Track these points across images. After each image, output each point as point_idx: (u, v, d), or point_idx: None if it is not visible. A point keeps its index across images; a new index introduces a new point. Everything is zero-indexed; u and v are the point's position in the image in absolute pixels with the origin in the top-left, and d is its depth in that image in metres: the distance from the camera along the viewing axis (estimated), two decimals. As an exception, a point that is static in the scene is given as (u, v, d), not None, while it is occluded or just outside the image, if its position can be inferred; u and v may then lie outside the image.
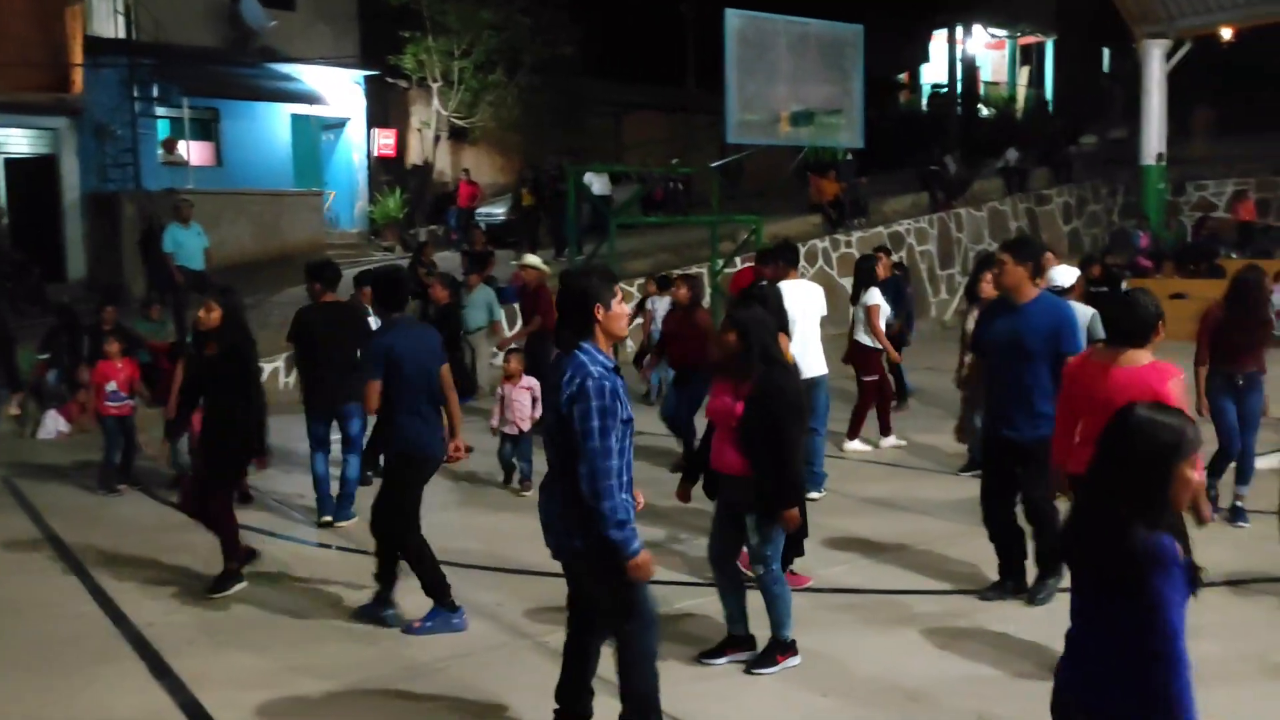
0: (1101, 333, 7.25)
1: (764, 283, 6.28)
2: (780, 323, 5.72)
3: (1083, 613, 2.58)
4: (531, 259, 10.58)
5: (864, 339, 8.99)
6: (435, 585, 5.31)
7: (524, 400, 7.90)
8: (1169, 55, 19.48)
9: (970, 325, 7.55)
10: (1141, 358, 4.40)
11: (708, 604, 5.23)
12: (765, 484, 4.47)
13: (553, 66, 22.92)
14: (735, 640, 4.81)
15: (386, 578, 5.45)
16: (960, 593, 5.62)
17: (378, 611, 5.45)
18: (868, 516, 7.09)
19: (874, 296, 9.04)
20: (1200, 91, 23.42)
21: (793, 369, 4.86)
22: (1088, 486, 2.58)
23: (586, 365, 3.52)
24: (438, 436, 5.49)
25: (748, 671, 4.66)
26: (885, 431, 9.29)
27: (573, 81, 23.99)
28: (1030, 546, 5.43)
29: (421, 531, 5.39)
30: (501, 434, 8.06)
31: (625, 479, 3.55)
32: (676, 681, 4.60)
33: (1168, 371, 4.34)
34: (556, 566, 3.80)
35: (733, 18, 11.88)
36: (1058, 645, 4.77)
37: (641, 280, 14.95)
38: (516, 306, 14.72)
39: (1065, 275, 7.72)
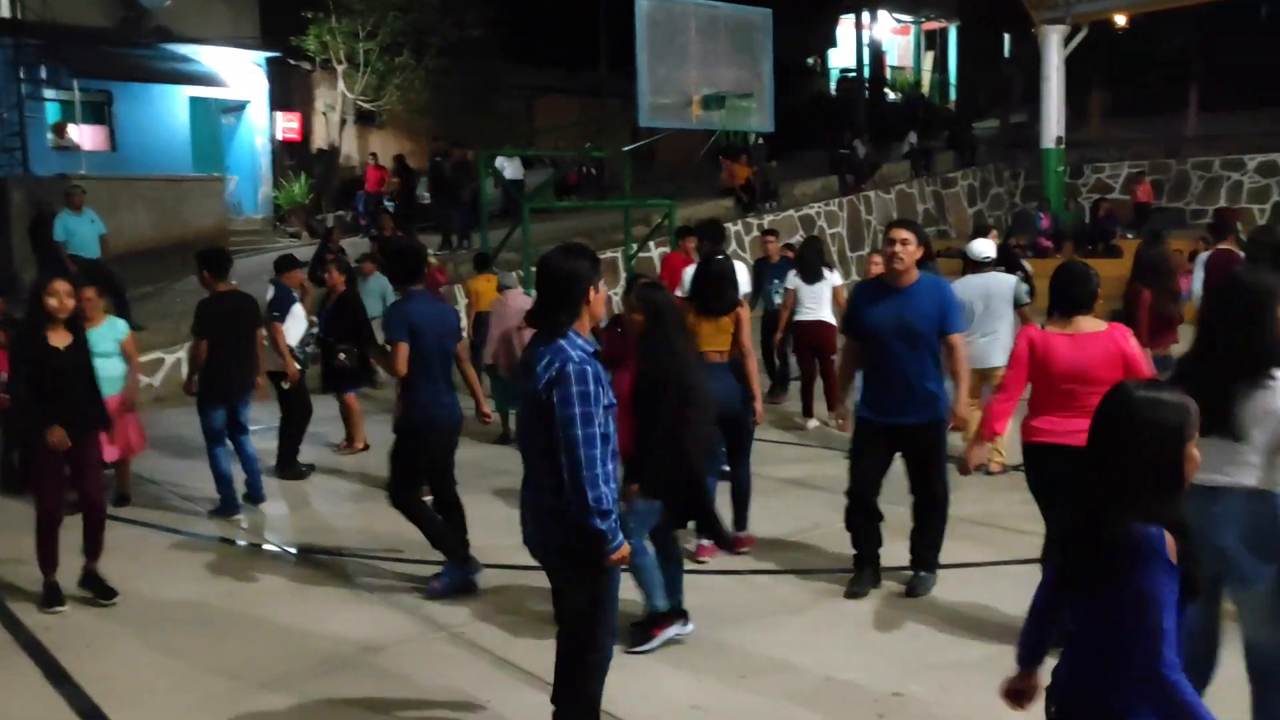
0: (1026, 298, 7.68)
1: (720, 258, 6.26)
2: (736, 296, 6.11)
3: (1079, 608, 2.44)
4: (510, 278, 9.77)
5: (831, 319, 9.25)
6: (442, 541, 5.57)
7: None
8: (1066, 41, 20.03)
9: None
10: (1098, 323, 4.55)
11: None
12: (639, 461, 4.55)
13: (462, 49, 22.56)
14: (659, 617, 4.82)
15: (449, 541, 5.61)
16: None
17: (465, 574, 5.59)
18: (786, 498, 7.16)
19: (837, 278, 9.53)
20: (1096, 76, 24.19)
21: (691, 360, 4.82)
22: (1086, 475, 2.43)
23: (566, 349, 3.35)
24: (451, 408, 5.63)
25: (626, 651, 4.54)
26: (808, 413, 9.54)
27: (483, 64, 23.66)
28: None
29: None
30: None
31: (610, 468, 3.37)
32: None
33: (1127, 331, 4.50)
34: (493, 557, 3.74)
35: (643, 0, 11.81)
36: (968, 622, 4.93)
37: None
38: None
39: (987, 248, 8.05)
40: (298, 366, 8.14)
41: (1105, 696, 2.36)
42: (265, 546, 6.82)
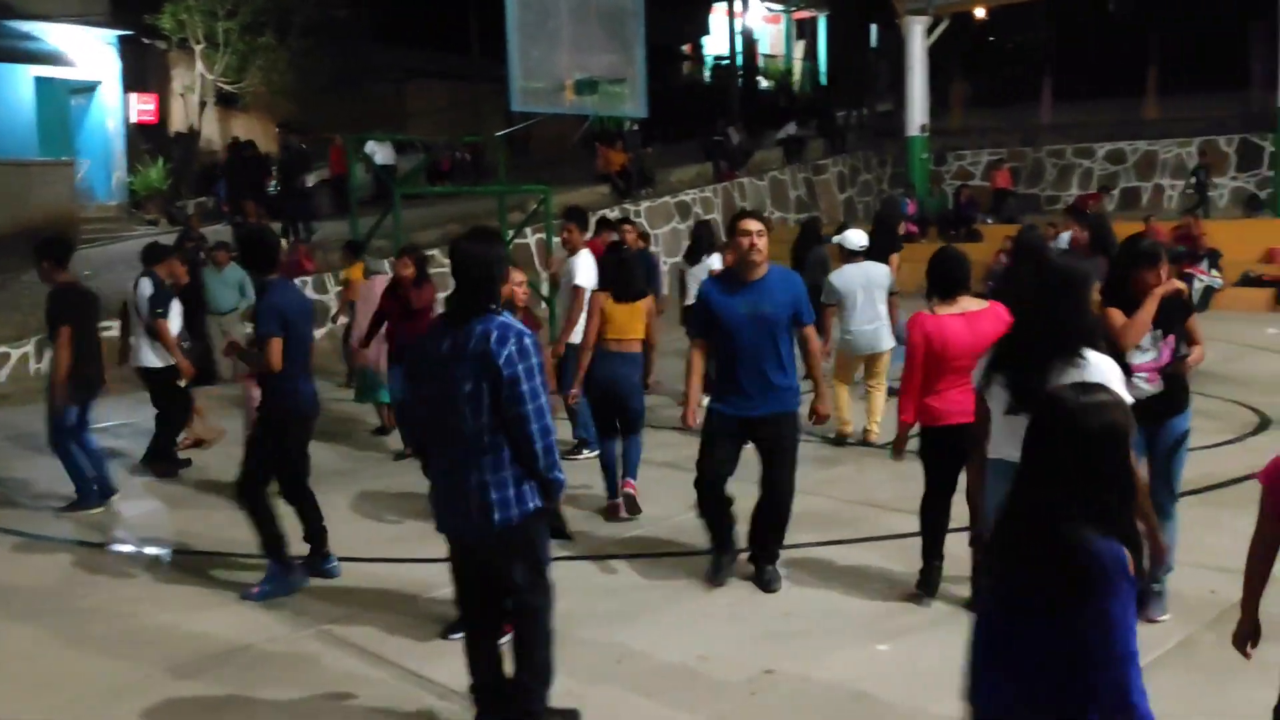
0: (895, 287, 8.07)
1: (624, 247, 6.34)
2: (644, 283, 6.47)
3: (1010, 636, 2.25)
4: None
5: None
6: (274, 546, 5.41)
7: None
8: (929, 31, 20.63)
9: None
10: (979, 301, 4.82)
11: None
12: None
13: (328, 30, 21.91)
14: None
15: (281, 548, 5.46)
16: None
17: (321, 565, 5.54)
18: (664, 483, 7.18)
19: (716, 261, 9.32)
20: (958, 67, 25.02)
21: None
22: (1022, 490, 2.28)
23: (515, 325, 3.50)
24: (314, 397, 5.62)
25: (440, 636, 4.71)
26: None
27: (351, 47, 23.02)
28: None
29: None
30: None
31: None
32: (416, 641, 4.63)
33: (1004, 308, 4.66)
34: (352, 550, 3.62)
35: (513, -18, 11.64)
36: (836, 600, 5.04)
37: (435, 252, 14.59)
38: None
39: (861, 238, 8.32)
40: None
41: None
42: (122, 547, 6.50)
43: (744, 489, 5.29)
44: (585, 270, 7.64)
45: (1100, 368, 3.35)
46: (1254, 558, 2.95)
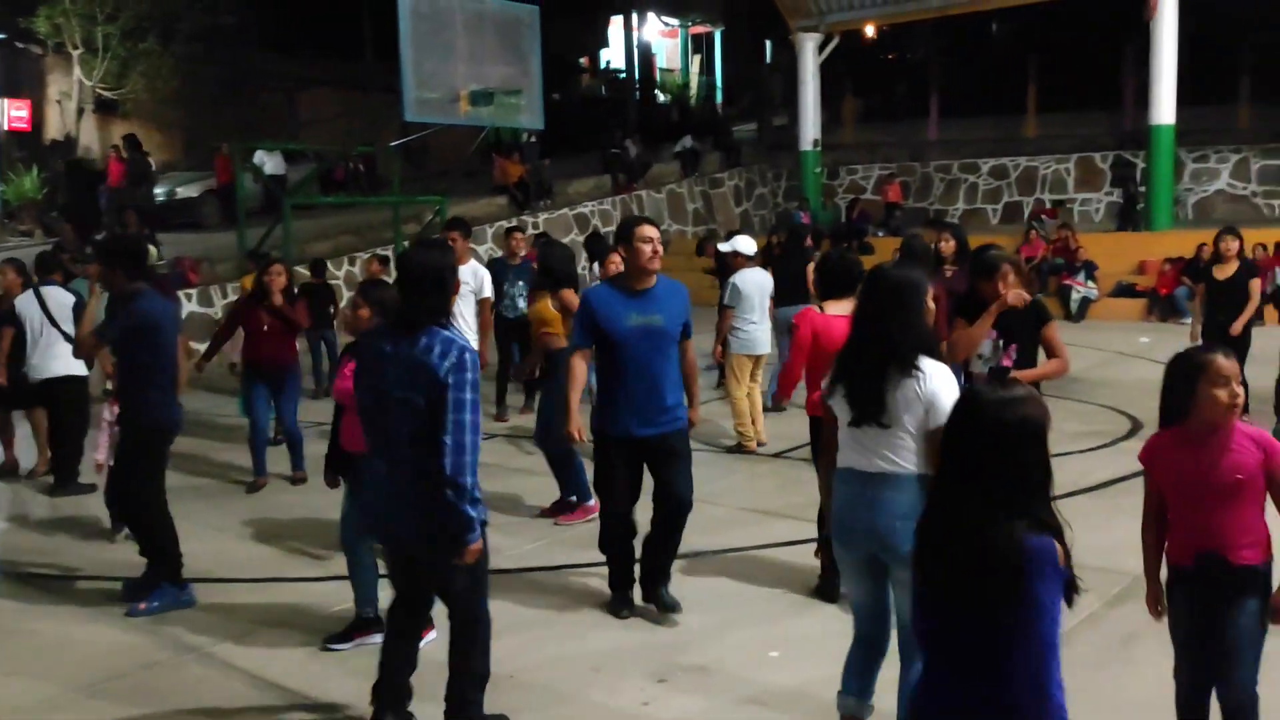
0: (725, 298, 8.17)
1: (544, 242, 6.33)
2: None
3: (942, 634, 2.32)
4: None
5: None
6: (169, 560, 5.30)
7: None
8: (820, 48, 21.10)
9: None
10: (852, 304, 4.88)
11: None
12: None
13: (215, 36, 21.32)
14: (364, 623, 4.72)
15: (176, 561, 5.33)
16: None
17: (180, 596, 5.32)
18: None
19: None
20: (849, 83, 25.65)
21: None
22: (945, 487, 2.34)
23: (457, 338, 3.48)
24: (181, 409, 5.50)
25: (322, 647, 4.66)
26: None
27: (239, 54, 22.44)
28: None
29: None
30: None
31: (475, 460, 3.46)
32: (302, 661, 4.54)
33: None
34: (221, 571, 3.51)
35: (406, -8, 11.55)
36: (732, 602, 5.08)
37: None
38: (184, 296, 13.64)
39: (749, 245, 8.53)
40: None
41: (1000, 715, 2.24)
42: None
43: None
44: (488, 281, 7.69)
45: (937, 377, 3.33)
46: (1146, 530, 3.34)
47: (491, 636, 3.82)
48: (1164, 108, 16.91)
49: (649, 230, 4.79)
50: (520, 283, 9.41)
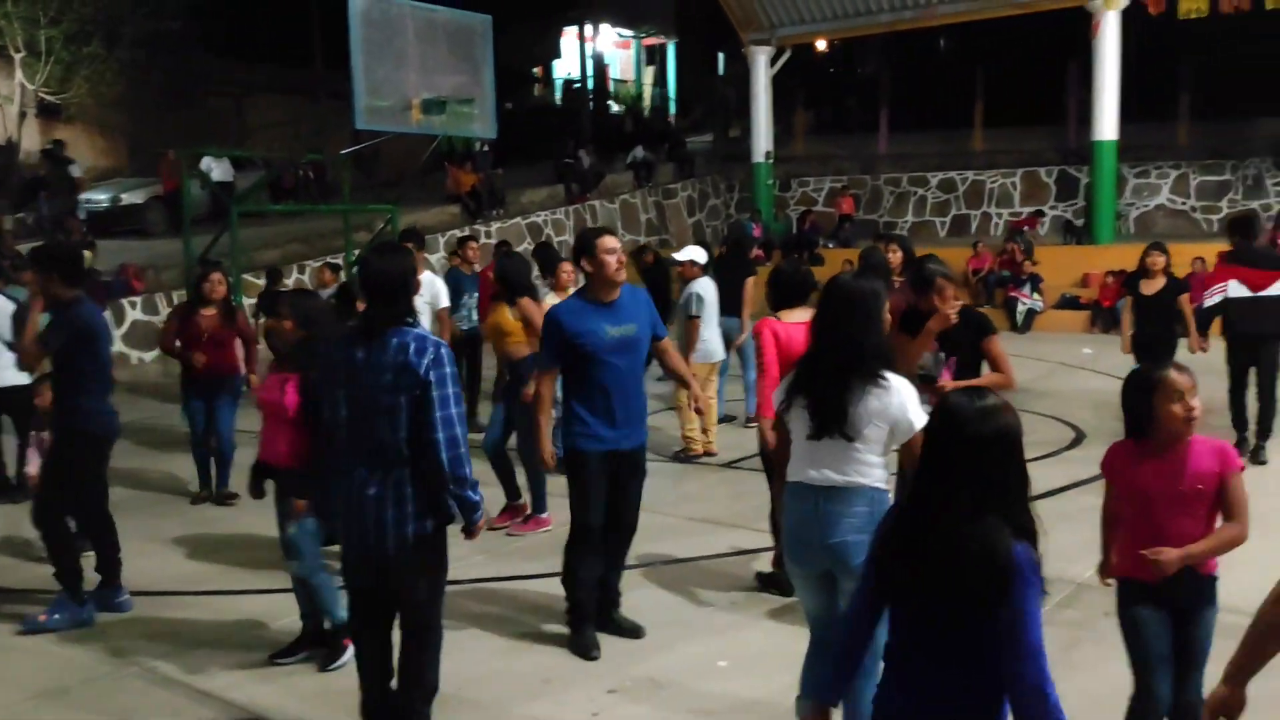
0: (693, 309, 8.17)
1: (503, 253, 6.27)
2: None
3: (915, 644, 2.35)
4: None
5: None
6: (70, 576, 5.19)
7: None
8: (773, 61, 21.29)
9: None
10: (807, 313, 4.88)
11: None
12: (306, 476, 4.40)
13: (161, 41, 20.99)
14: (309, 637, 4.69)
15: (76, 578, 5.21)
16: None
17: (111, 599, 5.34)
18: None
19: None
20: (801, 96, 25.89)
21: None
22: (922, 496, 2.37)
23: (431, 335, 3.55)
24: (117, 417, 5.44)
25: (323, 669, 4.57)
26: None
27: (185, 59, 22.11)
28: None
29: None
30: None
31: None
32: (246, 677, 4.48)
33: None
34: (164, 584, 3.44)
35: (357, -1, 11.44)
36: (671, 618, 5.08)
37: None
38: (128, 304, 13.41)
39: (701, 254, 8.59)
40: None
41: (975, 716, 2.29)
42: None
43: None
44: (444, 292, 7.66)
45: (901, 390, 3.33)
46: (1106, 525, 3.47)
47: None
48: (1107, 124, 17.28)
49: (611, 241, 4.73)
50: (477, 294, 9.34)
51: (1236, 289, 7.77)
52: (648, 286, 10.27)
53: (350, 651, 4.51)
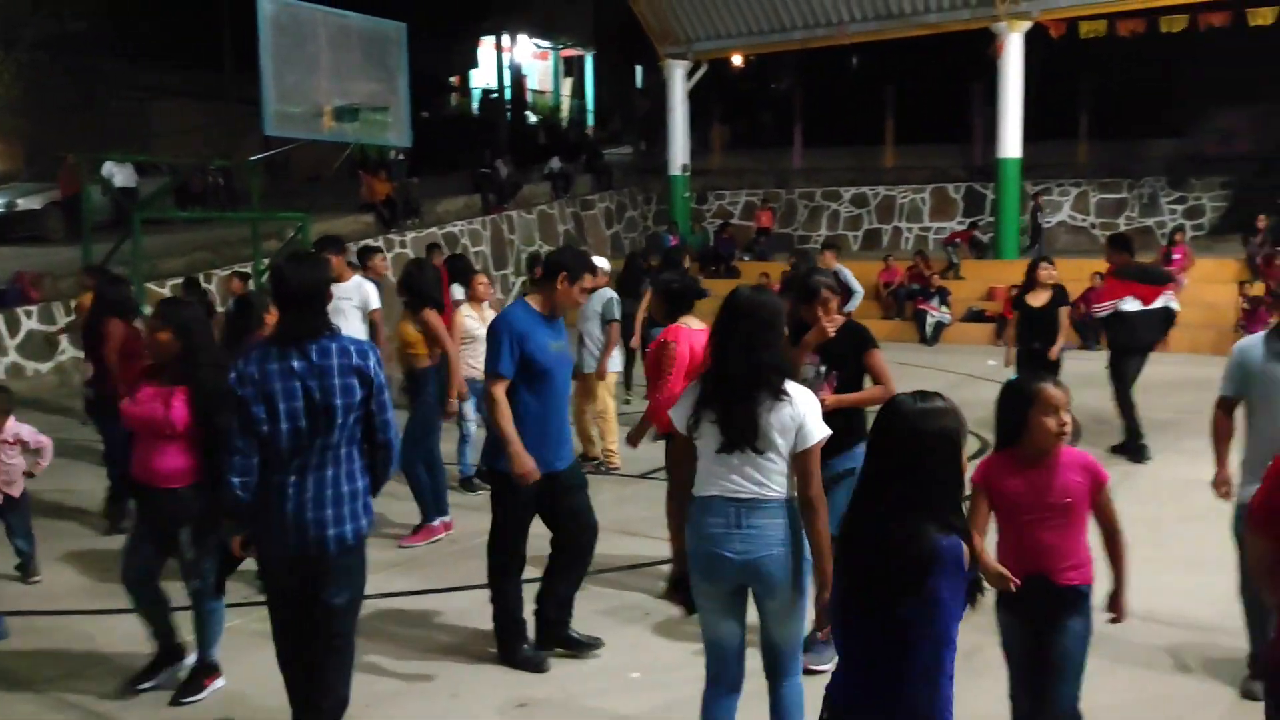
0: (616, 313, 8.28)
1: (411, 261, 6.21)
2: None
3: (854, 631, 2.46)
4: None
5: None
6: None
7: (13, 459, 5.77)
8: (689, 75, 21.49)
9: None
10: (699, 321, 5.17)
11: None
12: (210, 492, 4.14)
13: (63, 43, 20.33)
14: (168, 656, 4.51)
15: None
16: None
17: None
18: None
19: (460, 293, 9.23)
20: (718, 110, 26.16)
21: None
22: (865, 492, 2.48)
23: (361, 340, 3.69)
24: None
25: (174, 703, 4.32)
26: None
27: (89, 61, 21.44)
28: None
29: None
30: None
31: None
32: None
33: None
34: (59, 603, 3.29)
35: (266, 3, 11.18)
36: (609, 623, 5.07)
37: (178, 281, 13.79)
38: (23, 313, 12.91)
39: (606, 264, 8.65)
40: None
41: (901, 705, 2.36)
42: None
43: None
44: (374, 294, 7.54)
45: (804, 400, 3.34)
46: (979, 532, 3.40)
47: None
48: (1010, 142, 17.84)
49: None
50: None
51: (1130, 303, 8.11)
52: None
53: (209, 689, 4.40)
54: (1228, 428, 4.33)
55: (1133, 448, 8.36)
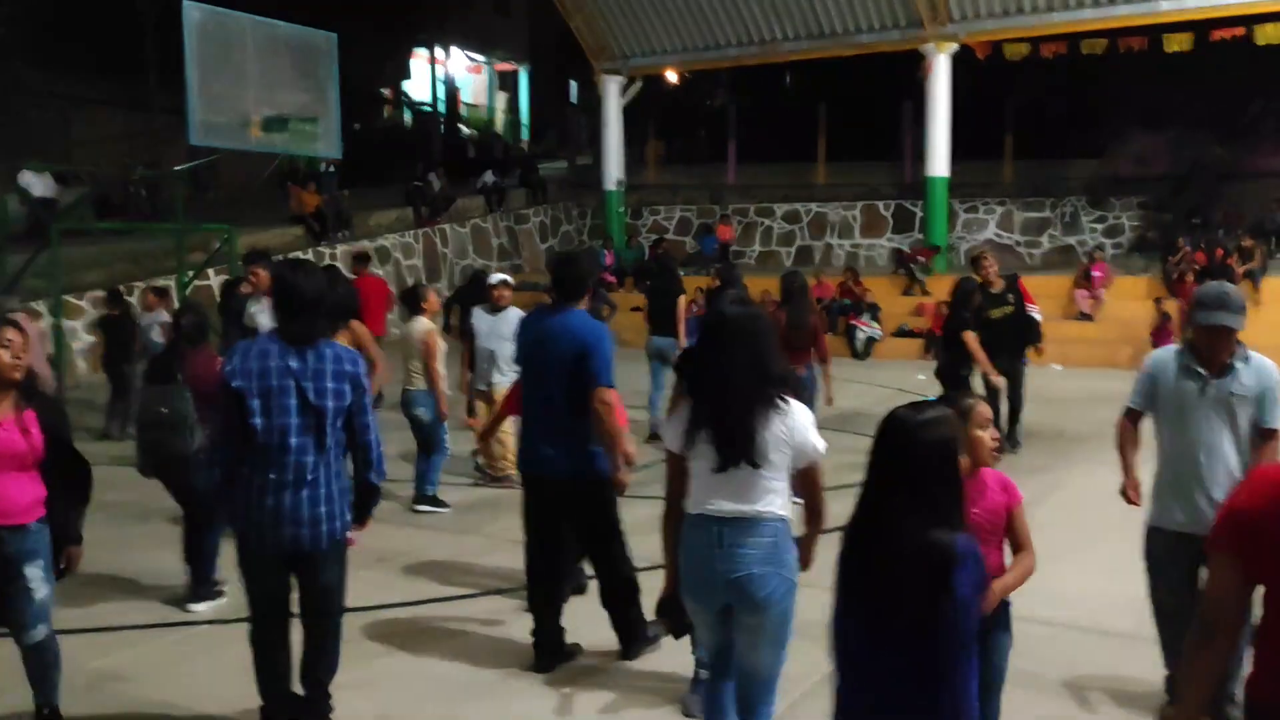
0: None
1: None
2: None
3: (869, 638, 2.47)
4: None
5: None
6: None
7: None
8: (624, 91, 21.56)
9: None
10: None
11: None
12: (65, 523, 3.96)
13: (-23, 48, 19.74)
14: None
15: None
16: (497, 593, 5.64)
17: None
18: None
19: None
20: (653, 126, 26.28)
21: (53, 401, 4.22)
22: (869, 502, 2.52)
23: (345, 346, 3.95)
24: None
25: None
26: None
27: (5, 68, 20.83)
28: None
29: None
30: None
31: None
32: None
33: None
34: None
35: (192, 10, 10.95)
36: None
37: (99, 293, 13.40)
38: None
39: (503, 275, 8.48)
40: None
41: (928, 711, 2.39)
42: None
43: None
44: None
45: (800, 413, 3.35)
46: None
47: None
48: (939, 161, 18.18)
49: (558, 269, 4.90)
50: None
51: None
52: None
53: None
54: (1134, 436, 4.24)
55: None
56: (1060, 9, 17.37)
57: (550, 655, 4.69)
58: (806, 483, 3.37)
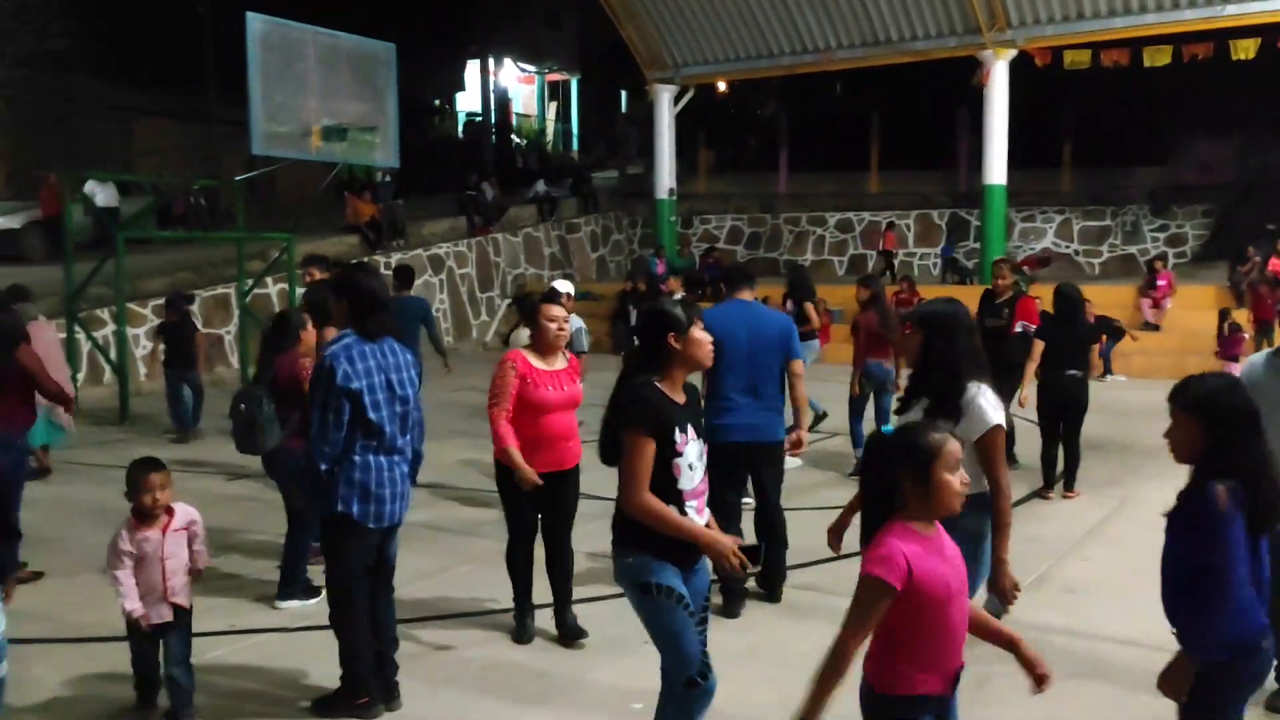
0: (584, 344, 8.18)
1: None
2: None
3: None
4: None
5: None
6: None
7: (181, 554, 4.14)
8: (676, 100, 21.54)
9: None
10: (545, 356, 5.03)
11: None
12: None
13: (44, 61, 20.18)
14: None
15: None
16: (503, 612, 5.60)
17: None
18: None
19: None
20: (704, 135, 26.25)
21: None
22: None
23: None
24: None
25: None
26: None
27: (70, 80, 21.30)
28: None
29: None
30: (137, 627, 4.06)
31: None
32: None
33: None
34: None
35: (255, 22, 11.11)
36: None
37: (160, 301, 13.60)
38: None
39: (570, 286, 8.45)
40: None
41: None
42: None
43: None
44: None
45: (984, 391, 3.68)
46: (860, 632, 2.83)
47: None
48: (996, 169, 17.92)
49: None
50: None
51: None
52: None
53: None
54: None
55: None
56: (1123, 14, 17.06)
57: (772, 586, 5.58)
58: (983, 454, 3.71)
